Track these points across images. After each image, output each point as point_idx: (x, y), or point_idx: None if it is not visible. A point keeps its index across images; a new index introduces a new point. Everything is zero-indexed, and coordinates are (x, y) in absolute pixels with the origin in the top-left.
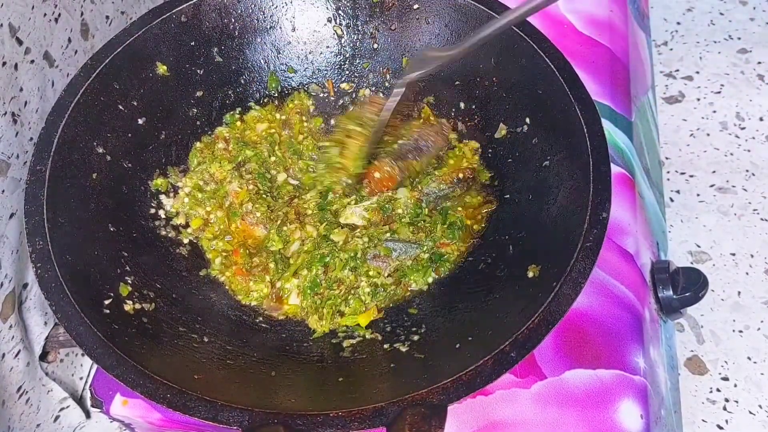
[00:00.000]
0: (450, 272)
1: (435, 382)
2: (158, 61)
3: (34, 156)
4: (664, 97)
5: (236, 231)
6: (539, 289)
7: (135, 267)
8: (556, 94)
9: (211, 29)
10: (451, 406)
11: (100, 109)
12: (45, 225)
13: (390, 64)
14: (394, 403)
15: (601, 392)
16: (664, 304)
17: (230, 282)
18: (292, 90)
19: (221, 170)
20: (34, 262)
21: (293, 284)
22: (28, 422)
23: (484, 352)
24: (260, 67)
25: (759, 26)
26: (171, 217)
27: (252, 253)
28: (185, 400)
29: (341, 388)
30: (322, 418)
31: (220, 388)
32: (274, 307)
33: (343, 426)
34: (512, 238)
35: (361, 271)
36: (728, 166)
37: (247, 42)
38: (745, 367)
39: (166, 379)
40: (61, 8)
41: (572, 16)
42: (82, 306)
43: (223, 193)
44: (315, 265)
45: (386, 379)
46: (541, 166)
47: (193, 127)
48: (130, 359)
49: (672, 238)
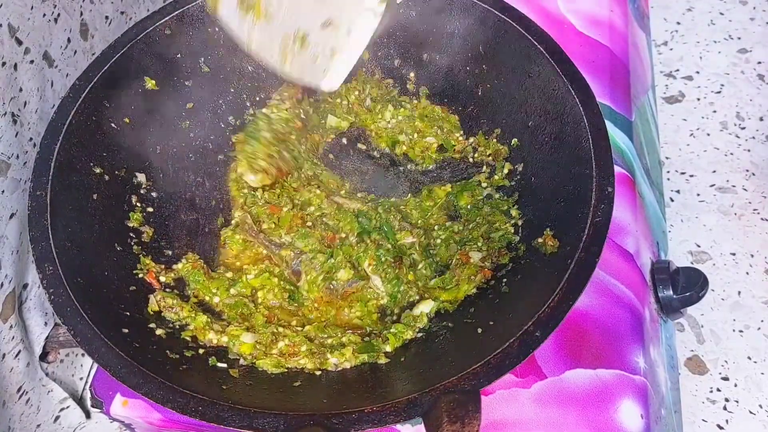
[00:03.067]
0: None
1: (463, 369)
2: (146, 75)
3: (33, 181)
4: (664, 97)
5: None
6: (554, 267)
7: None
8: (547, 76)
9: (196, 40)
10: None
11: (93, 128)
12: (53, 250)
13: (380, 60)
14: (427, 392)
15: (601, 392)
16: (664, 304)
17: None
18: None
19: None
20: (47, 288)
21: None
22: (28, 422)
23: (509, 334)
24: (249, 74)
25: (759, 26)
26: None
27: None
28: (218, 411)
29: (370, 384)
30: (357, 414)
31: (251, 396)
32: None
33: (379, 420)
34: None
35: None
36: (728, 166)
37: (233, 50)
38: (745, 366)
39: (195, 392)
40: (60, 8)
41: (572, 16)
42: (101, 327)
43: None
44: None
45: (413, 370)
46: (539, 148)
47: (187, 140)
48: (157, 376)
49: (672, 238)
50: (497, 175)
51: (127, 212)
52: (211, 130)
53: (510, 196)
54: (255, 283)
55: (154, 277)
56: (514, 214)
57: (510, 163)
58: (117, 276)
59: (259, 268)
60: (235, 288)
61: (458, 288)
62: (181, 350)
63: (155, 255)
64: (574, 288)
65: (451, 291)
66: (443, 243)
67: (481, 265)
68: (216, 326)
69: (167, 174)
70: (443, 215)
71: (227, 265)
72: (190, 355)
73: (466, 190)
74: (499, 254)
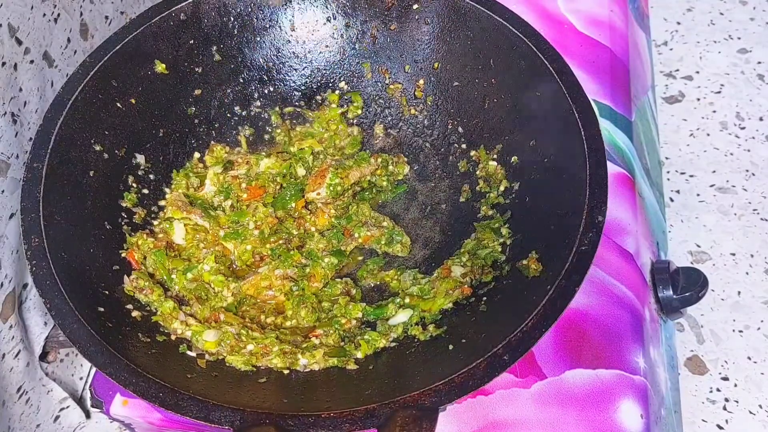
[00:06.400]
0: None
1: (426, 385)
2: (157, 59)
3: (31, 153)
4: (664, 97)
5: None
6: (533, 291)
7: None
8: (553, 95)
9: (211, 28)
10: (451, 406)
11: (98, 106)
12: (41, 222)
13: (389, 64)
14: (386, 404)
15: (601, 392)
16: (664, 304)
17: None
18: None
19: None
20: (30, 259)
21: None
22: (28, 422)
23: (477, 354)
24: (259, 66)
25: (759, 26)
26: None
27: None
28: (177, 399)
29: (333, 389)
30: (313, 418)
31: (213, 388)
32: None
33: (335, 427)
34: (509, 243)
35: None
36: (728, 166)
37: (246, 41)
38: (745, 367)
39: (159, 378)
40: (60, 8)
41: (572, 16)
42: (77, 303)
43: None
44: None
45: (379, 380)
46: (537, 168)
47: (191, 126)
48: (124, 357)
49: (672, 238)
50: (493, 193)
51: (122, 192)
52: (216, 119)
53: (503, 214)
54: (207, 277)
55: (134, 257)
56: (505, 233)
57: (507, 181)
58: (102, 254)
59: (214, 255)
60: (191, 273)
61: (434, 301)
62: (153, 334)
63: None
64: (549, 315)
65: (427, 302)
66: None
67: (461, 281)
68: (181, 316)
69: (167, 157)
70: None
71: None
72: (162, 340)
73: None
74: (482, 272)
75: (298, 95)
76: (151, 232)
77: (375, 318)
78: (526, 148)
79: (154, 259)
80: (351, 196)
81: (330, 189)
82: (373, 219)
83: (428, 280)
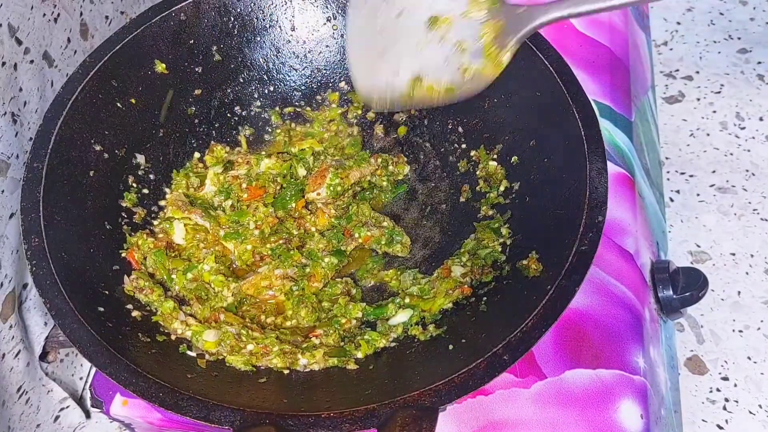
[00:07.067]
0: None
1: (426, 385)
2: (157, 58)
3: (31, 153)
4: (664, 97)
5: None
6: (533, 291)
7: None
8: (553, 95)
9: (211, 28)
10: (451, 406)
11: (98, 106)
12: (41, 222)
13: None
14: (386, 404)
15: (601, 392)
16: (664, 304)
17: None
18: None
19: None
20: (30, 259)
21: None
22: (28, 422)
23: (477, 354)
24: (259, 66)
25: (759, 26)
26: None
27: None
28: (177, 399)
29: (333, 389)
30: (313, 418)
31: (213, 388)
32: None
33: (335, 427)
34: (509, 244)
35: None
36: (728, 166)
37: (246, 41)
38: (745, 367)
39: (159, 378)
40: (60, 8)
41: None
42: (77, 303)
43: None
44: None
45: (379, 380)
46: (537, 168)
47: (191, 126)
48: (124, 358)
49: (672, 238)
50: (493, 193)
51: (122, 192)
52: (216, 119)
53: (503, 214)
54: (207, 277)
55: (135, 257)
56: (505, 233)
57: (507, 181)
58: (102, 254)
59: (215, 255)
60: (191, 273)
61: (434, 300)
62: (153, 334)
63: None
64: (549, 315)
65: (427, 302)
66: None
67: (461, 281)
68: (181, 316)
69: (167, 157)
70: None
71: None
72: (162, 340)
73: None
74: (482, 272)
75: (298, 95)
76: (151, 232)
77: (375, 318)
78: (526, 148)
79: (154, 259)
80: (351, 196)
81: (330, 189)
82: (373, 219)
83: (428, 280)
